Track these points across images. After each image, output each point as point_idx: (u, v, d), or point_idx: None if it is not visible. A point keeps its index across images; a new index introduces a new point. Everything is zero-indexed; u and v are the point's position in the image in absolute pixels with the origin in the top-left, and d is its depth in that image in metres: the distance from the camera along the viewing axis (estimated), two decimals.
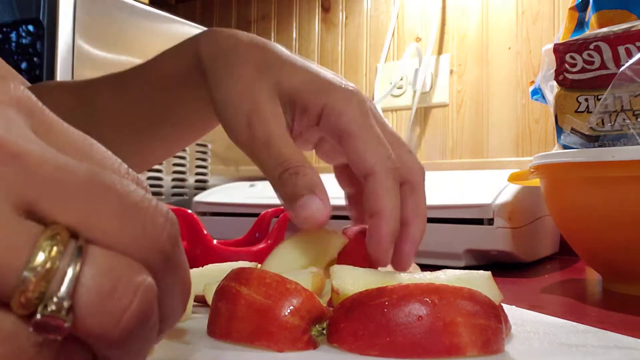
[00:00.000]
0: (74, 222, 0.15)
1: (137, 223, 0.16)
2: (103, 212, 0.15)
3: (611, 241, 0.52)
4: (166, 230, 0.16)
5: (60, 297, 0.14)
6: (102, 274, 0.15)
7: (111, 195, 0.16)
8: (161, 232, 0.16)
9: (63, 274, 0.14)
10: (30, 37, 0.79)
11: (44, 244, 0.14)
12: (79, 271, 0.15)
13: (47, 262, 0.14)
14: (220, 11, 1.39)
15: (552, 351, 0.28)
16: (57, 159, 0.15)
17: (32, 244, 0.14)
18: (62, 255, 0.14)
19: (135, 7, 0.89)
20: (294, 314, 0.27)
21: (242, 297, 0.29)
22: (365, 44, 1.19)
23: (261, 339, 0.28)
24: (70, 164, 0.15)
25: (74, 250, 0.15)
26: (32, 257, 0.14)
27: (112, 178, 0.16)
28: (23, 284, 0.14)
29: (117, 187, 0.16)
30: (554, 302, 0.50)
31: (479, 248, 0.69)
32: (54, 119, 0.17)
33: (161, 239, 0.16)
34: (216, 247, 0.69)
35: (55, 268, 0.14)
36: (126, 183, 0.16)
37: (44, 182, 0.15)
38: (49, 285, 0.14)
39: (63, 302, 0.14)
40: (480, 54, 1.03)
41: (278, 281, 0.29)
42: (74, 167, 0.15)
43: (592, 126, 0.53)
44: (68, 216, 0.15)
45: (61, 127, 0.17)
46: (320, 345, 0.28)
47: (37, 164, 0.15)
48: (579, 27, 0.65)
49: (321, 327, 0.28)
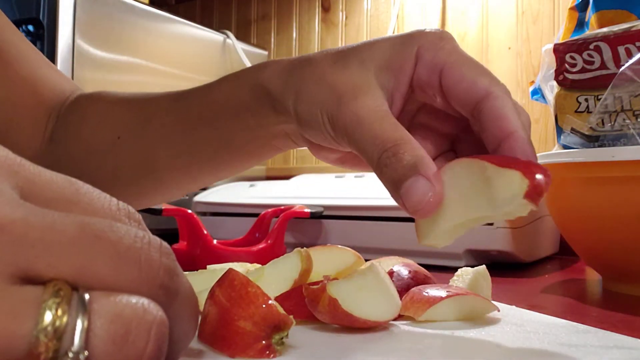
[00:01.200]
0: (70, 276, 0.15)
1: (133, 265, 0.16)
2: (97, 261, 0.16)
3: (611, 241, 0.52)
4: (163, 265, 0.17)
5: (74, 352, 0.14)
6: (112, 321, 0.15)
7: (103, 244, 0.16)
8: (158, 267, 0.17)
9: (73, 328, 0.14)
10: (30, 37, 0.79)
11: (49, 302, 0.14)
12: (89, 322, 0.15)
13: (56, 320, 0.14)
14: (220, 11, 1.39)
15: (552, 351, 0.29)
16: (44, 219, 0.16)
17: (37, 306, 0.14)
18: (69, 309, 0.15)
19: (135, 7, 0.89)
20: (247, 320, 0.26)
21: (213, 298, 0.28)
22: None
23: (218, 342, 0.27)
24: (58, 222, 0.16)
25: (78, 302, 0.15)
26: (40, 318, 0.14)
27: (102, 226, 0.16)
28: (35, 347, 0.14)
29: (108, 234, 0.16)
30: (554, 302, 0.50)
31: (479, 248, 0.69)
32: (36, 172, 0.17)
33: (159, 274, 0.17)
34: (216, 247, 0.69)
35: (65, 324, 0.14)
36: (117, 227, 0.16)
37: (33, 247, 0.15)
38: (61, 342, 0.14)
39: (79, 355, 0.14)
40: (480, 54, 1.03)
41: (243, 284, 0.28)
42: (62, 223, 0.16)
43: (592, 126, 0.53)
44: (64, 272, 0.15)
45: (45, 180, 0.17)
46: (282, 354, 0.27)
47: (23, 232, 0.15)
48: (579, 27, 0.65)
49: (282, 335, 0.27)
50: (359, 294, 0.32)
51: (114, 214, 0.18)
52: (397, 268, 0.40)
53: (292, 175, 1.13)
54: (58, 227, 0.16)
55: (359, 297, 0.31)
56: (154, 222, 0.89)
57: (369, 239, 0.76)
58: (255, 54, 1.15)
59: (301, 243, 0.82)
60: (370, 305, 0.32)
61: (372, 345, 0.30)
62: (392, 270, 0.39)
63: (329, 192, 0.84)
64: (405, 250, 0.72)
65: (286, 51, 1.28)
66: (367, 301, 0.32)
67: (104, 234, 0.16)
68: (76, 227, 0.16)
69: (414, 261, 0.42)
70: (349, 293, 0.31)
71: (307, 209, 0.76)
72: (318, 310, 0.32)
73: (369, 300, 0.32)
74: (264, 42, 1.31)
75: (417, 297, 0.35)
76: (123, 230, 0.16)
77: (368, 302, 0.32)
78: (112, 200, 0.18)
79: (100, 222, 0.16)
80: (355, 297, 0.31)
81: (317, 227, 0.81)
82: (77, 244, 0.16)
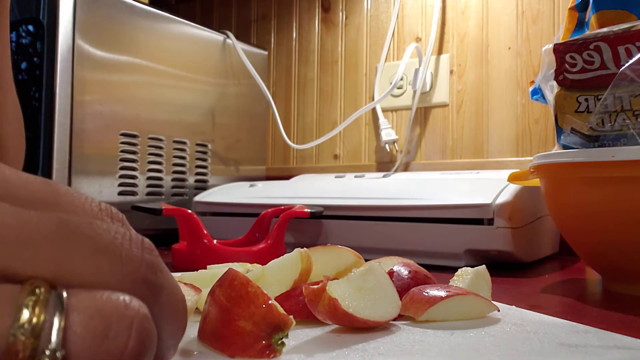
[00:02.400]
0: (48, 273, 0.15)
1: (113, 261, 0.16)
2: (75, 258, 0.15)
3: (611, 241, 0.52)
4: (145, 261, 0.17)
5: (51, 349, 0.14)
6: (91, 316, 0.15)
7: (81, 240, 0.16)
8: (139, 263, 0.16)
9: (50, 326, 0.14)
10: (30, 37, 0.79)
11: (26, 300, 0.14)
12: (66, 319, 0.14)
13: (33, 317, 0.14)
14: (220, 11, 1.39)
15: (552, 351, 0.29)
16: (19, 217, 0.15)
17: (14, 304, 0.14)
18: (46, 307, 0.14)
19: (135, 7, 0.89)
20: (247, 320, 0.26)
21: (213, 298, 0.28)
22: (365, 44, 1.19)
23: (218, 341, 0.27)
24: (34, 219, 0.15)
25: (56, 300, 0.15)
26: (17, 316, 0.14)
27: (80, 222, 0.16)
28: (13, 345, 0.14)
29: (86, 230, 0.16)
30: (554, 302, 0.50)
31: (479, 248, 0.69)
32: (12, 174, 0.17)
33: (141, 269, 0.16)
34: (216, 247, 0.69)
35: (42, 321, 0.14)
36: (96, 224, 0.16)
37: (8, 245, 0.15)
38: (39, 339, 0.14)
39: (56, 353, 0.14)
40: (480, 54, 1.03)
41: (243, 283, 0.28)
42: (39, 221, 0.15)
43: (592, 126, 0.53)
44: (42, 269, 0.15)
45: (22, 181, 0.17)
46: (283, 354, 0.27)
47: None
48: (579, 27, 0.65)
49: (282, 335, 0.27)
50: (358, 294, 0.32)
51: (95, 214, 0.18)
52: (397, 268, 0.40)
53: (292, 175, 1.13)
54: (34, 224, 0.15)
55: (359, 297, 0.31)
56: (154, 222, 0.89)
57: (369, 239, 0.76)
58: (255, 54, 1.15)
59: (301, 243, 0.82)
60: (370, 305, 0.32)
61: (372, 345, 0.30)
62: (392, 270, 0.39)
63: (329, 192, 0.84)
64: (405, 250, 0.72)
65: (286, 51, 1.28)
66: (367, 301, 0.32)
67: (82, 230, 0.16)
68: (53, 224, 0.16)
69: (414, 261, 0.42)
70: (349, 293, 0.31)
71: (307, 209, 0.76)
72: (318, 310, 0.32)
73: (369, 300, 0.32)
74: (264, 42, 1.31)
75: (417, 297, 0.35)
76: (102, 227, 0.16)
77: (368, 302, 0.32)
78: (93, 200, 0.18)
79: (78, 220, 0.16)
80: (355, 297, 0.31)
81: (317, 227, 0.81)
82: (54, 241, 0.15)
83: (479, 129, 1.03)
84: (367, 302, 0.32)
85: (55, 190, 0.18)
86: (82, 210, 0.17)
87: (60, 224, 0.16)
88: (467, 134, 1.05)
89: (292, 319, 0.27)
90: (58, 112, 0.78)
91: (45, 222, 0.16)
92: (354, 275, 0.33)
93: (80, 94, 0.81)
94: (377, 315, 0.32)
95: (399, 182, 0.88)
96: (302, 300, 0.33)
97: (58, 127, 0.78)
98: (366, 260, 0.40)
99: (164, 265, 0.18)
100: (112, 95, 0.86)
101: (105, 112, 0.85)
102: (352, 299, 0.31)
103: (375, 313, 0.32)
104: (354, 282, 0.32)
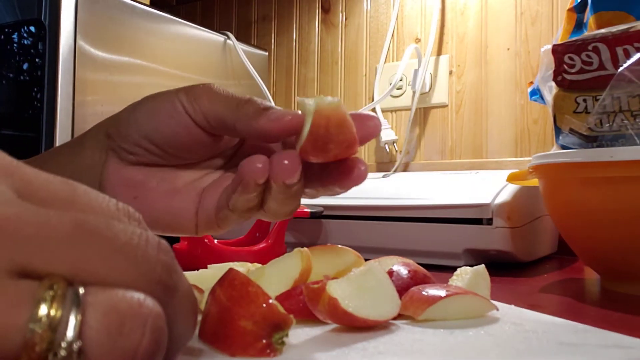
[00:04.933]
0: (66, 271, 0.15)
1: (129, 261, 0.16)
2: (92, 257, 0.16)
3: (610, 241, 0.52)
4: (160, 262, 0.17)
5: (68, 342, 0.14)
6: (106, 313, 0.15)
7: (98, 240, 0.16)
8: (155, 264, 0.17)
9: (67, 320, 0.15)
10: (31, 38, 0.79)
11: (44, 295, 0.15)
12: (83, 315, 0.15)
13: (51, 311, 0.15)
14: (221, 12, 1.40)
15: (550, 350, 0.29)
16: (38, 216, 0.16)
17: (32, 299, 0.15)
18: (64, 302, 0.15)
19: (136, 8, 0.89)
20: (247, 319, 0.27)
21: (214, 297, 0.28)
22: (365, 44, 1.19)
23: (218, 341, 0.27)
24: (53, 218, 0.16)
25: (73, 296, 0.15)
26: (35, 310, 0.15)
27: (97, 222, 0.16)
28: (31, 339, 0.14)
29: (103, 230, 0.16)
30: (553, 302, 0.50)
31: (478, 248, 0.69)
32: (32, 174, 0.18)
33: (156, 270, 0.17)
34: (217, 247, 0.69)
35: (60, 316, 0.15)
36: (113, 224, 0.17)
37: (28, 243, 0.15)
38: (56, 333, 0.14)
39: (72, 345, 0.14)
40: (479, 54, 1.03)
41: (243, 283, 0.28)
42: (57, 220, 0.16)
43: (591, 127, 0.53)
44: (60, 267, 0.15)
45: (41, 180, 0.18)
46: (283, 353, 0.27)
47: (18, 227, 0.15)
48: (578, 28, 0.65)
49: (282, 335, 0.27)
50: (358, 294, 0.32)
51: (113, 213, 0.18)
52: (396, 268, 0.40)
53: None
54: (53, 223, 0.16)
55: (359, 297, 0.32)
56: None
57: (369, 239, 0.77)
58: (256, 55, 1.15)
59: (301, 243, 0.82)
60: (369, 304, 0.32)
61: (372, 344, 0.30)
62: (391, 270, 0.40)
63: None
64: (405, 250, 0.72)
65: (286, 52, 1.28)
66: (367, 301, 0.32)
67: (99, 230, 0.16)
68: (71, 224, 0.16)
69: (414, 261, 0.43)
70: (349, 293, 0.31)
71: (307, 209, 0.76)
72: (318, 310, 0.32)
73: (369, 300, 0.32)
74: (265, 43, 1.31)
75: (416, 296, 0.35)
76: (119, 227, 0.17)
77: (368, 302, 0.32)
78: (110, 200, 0.18)
79: (95, 219, 0.16)
80: (355, 297, 0.31)
81: (317, 227, 0.82)
82: (72, 240, 0.16)
83: (478, 129, 1.04)
84: (367, 302, 0.32)
85: (74, 190, 0.18)
86: (100, 210, 0.18)
87: (78, 223, 0.16)
88: (467, 134, 1.05)
89: (292, 318, 0.27)
90: (60, 113, 0.78)
91: (64, 221, 0.16)
92: (353, 275, 0.33)
93: (82, 95, 0.81)
94: (377, 314, 0.32)
95: (399, 182, 0.88)
96: (302, 300, 0.33)
97: (60, 127, 0.78)
98: (366, 260, 0.40)
99: (179, 267, 0.18)
100: (114, 95, 0.86)
101: (107, 112, 0.85)
102: (352, 299, 0.31)
103: (375, 312, 0.32)
104: (353, 282, 0.32)
